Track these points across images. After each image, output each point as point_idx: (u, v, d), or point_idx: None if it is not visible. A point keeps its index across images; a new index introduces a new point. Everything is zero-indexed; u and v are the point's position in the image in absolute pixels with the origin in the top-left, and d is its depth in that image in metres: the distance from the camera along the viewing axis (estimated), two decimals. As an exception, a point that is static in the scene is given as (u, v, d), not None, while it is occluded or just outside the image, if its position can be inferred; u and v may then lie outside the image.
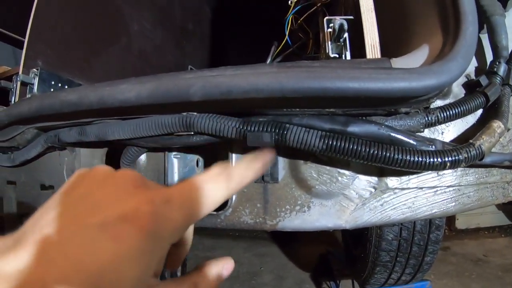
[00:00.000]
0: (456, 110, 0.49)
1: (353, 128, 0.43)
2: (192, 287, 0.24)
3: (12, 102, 0.81)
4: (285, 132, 0.43)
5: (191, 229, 0.29)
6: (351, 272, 1.68)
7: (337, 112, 0.44)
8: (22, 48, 0.87)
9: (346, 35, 0.59)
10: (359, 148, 0.41)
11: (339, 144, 0.41)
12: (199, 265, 0.26)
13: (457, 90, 0.54)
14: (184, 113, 0.47)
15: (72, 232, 0.19)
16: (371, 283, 1.43)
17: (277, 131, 0.43)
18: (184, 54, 1.75)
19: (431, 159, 0.42)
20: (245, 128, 0.45)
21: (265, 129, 0.43)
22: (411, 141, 0.45)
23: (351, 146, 0.41)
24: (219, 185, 0.24)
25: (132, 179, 0.22)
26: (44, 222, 0.20)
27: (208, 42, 2.02)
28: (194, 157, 0.66)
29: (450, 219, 2.69)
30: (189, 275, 0.25)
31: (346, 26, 0.56)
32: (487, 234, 2.61)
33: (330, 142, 0.41)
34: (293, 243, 2.54)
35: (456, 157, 0.44)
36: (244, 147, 0.53)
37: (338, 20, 0.56)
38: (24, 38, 0.87)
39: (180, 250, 0.29)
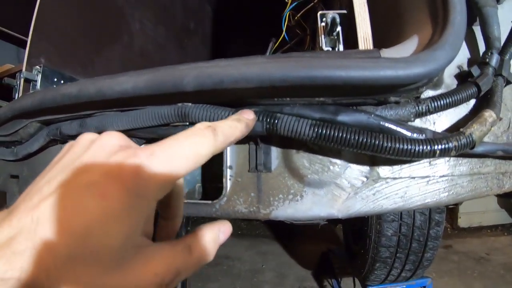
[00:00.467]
0: (447, 100, 0.49)
1: (343, 117, 0.44)
2: (186, 249, 0.23)
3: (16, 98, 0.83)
4: (276, 121, 0.44)
5: (180, 203, 0.29)
6: (352, 269, 1.68)
7: (327, 101, 0.45)
8: (25, 48, 0.89)
9: (339, 28, 0.59)
10: (348, 136, 0.42)
11: (328, 132, 0.42)
12: (196, 228, 0.25)
13: (449, 81, 0.54)
14: (179, 104, 0.49)
15: (60, 195, 0.19)
16: (371, 280, 1.43)
17: (268, 120, 0.44)
18: (185, 52, 1.77)
19: (421, 147, 0.43)
20: (238, 118, 0.46)
21: (256, 118, 0.45)
22: (401, 130, 0.46)
23: (340, 134, 0.42)
24: (205, 138, 0.23)
25: (117, 139, 0.23)
26: (34, 191, 0.20)
27: (209, 40, 2.04)
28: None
29: (452, 218, 2.67)
30: (183, 238, 0.24)
31: (338, 20, 0.57)
32: (490, 233, 2.59)
33: (320, 131, 0.42)
34: (294, 241, 2.55)
35: (446, 145, 0.44)
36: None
37: (331, 14, 0.57)
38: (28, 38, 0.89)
39: (170, 224, 0.28)
